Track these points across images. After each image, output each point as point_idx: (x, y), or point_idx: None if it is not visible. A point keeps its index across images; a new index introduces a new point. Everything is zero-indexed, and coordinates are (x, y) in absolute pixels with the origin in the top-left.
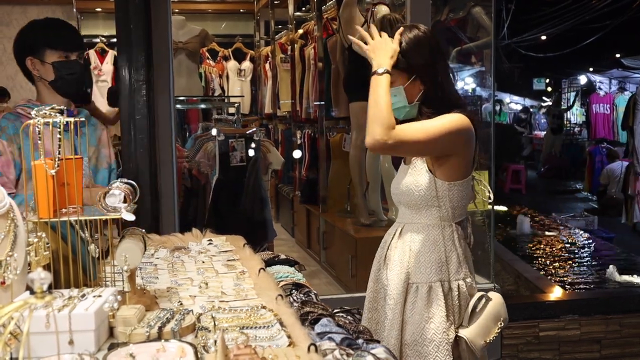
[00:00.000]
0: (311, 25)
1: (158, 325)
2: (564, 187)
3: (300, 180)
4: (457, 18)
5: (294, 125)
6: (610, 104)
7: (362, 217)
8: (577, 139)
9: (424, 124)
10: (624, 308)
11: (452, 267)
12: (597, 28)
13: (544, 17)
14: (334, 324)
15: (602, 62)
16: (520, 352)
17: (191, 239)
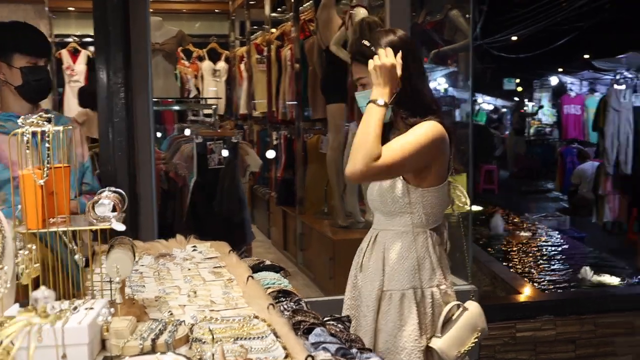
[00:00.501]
0: (288, 26)
1: (151, 337)
2: (536, 187)
3: (276, 181)
4: (434, 21)
5: (269, 127)
6: (581, 105)
7: (339, 218)
8: (548, 140)
9: (399, 144)
10: (598, 308)
11: (425, 275)
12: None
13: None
14: (328, 334)
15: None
16: (497, 352)
17: (175, 245)
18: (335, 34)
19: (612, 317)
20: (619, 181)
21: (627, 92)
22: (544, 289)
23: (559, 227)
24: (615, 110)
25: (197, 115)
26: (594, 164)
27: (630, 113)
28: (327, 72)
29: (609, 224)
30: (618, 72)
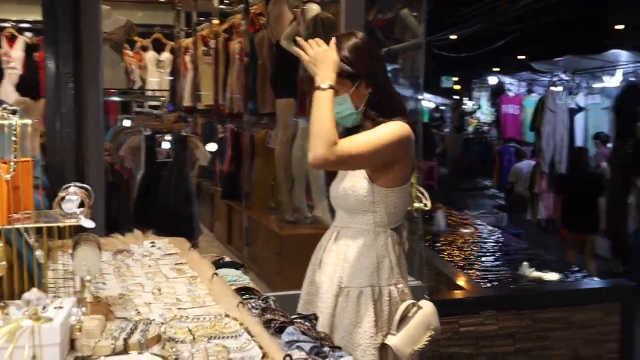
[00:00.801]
0: (237, 19)
1: (123, 336)
2: (474, 184)
3: (221, 175)
4: (385, 19)
5: (215, 120)
6: (519, 105)
7: (286, 213)
8: (486, 138)
9: (365, 136)
10: (536, 304)
11: (383, 273)
12: (508, 31)
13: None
14: (300, 332)
15: (511, 64)
16: (441, 347)
17: (132, 241)
18: (286, 29)
19: (549, 313)
20: (553, 180)
21: (563, 94)
22: (486, 284)
23: (497, 224)
24: (552, 111)
25: (142, 106)
26: (530, 163)
27: (566, 114)
28: (277, 67)
29: (543, 221)
30: (555, 74)
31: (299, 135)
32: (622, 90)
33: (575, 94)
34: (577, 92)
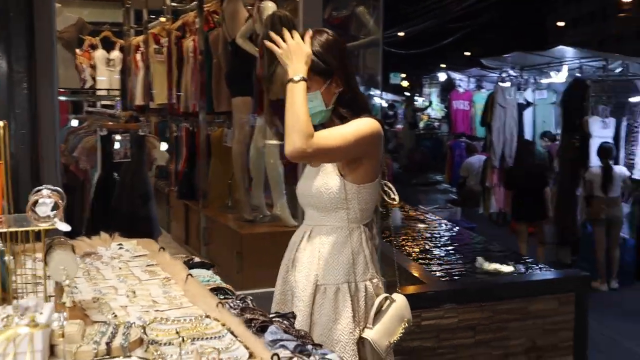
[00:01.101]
0: (190, 16)
1: (105, 340)
2: (426, 180)
3: (177, 175)
4: (340, 17)
5: (170, 119)
6: (469, 101)
7: (245, 212)
8: (437, 134)
9: (340, 130)
10: (495, 296)
11: (359, 269)
12: (456, 28)
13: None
14: (282, 331)
15: (461, 60)
16: (403, 341)
17: (99, 244)
18: (241, 27)
19: (508, 304)
20: (504, 174)
21: (512, 89)
22: (445, 278)
23: (451, 218)
24: (502, 106)
25: (94, 106)
26: (481, 158)
27: (515, 109)
28: (232, 65)
29: (494, 214)
30: (504, 71)
31: (256, 134)
32: (568, 86)
33: (523, 90)
34: (526, 88)
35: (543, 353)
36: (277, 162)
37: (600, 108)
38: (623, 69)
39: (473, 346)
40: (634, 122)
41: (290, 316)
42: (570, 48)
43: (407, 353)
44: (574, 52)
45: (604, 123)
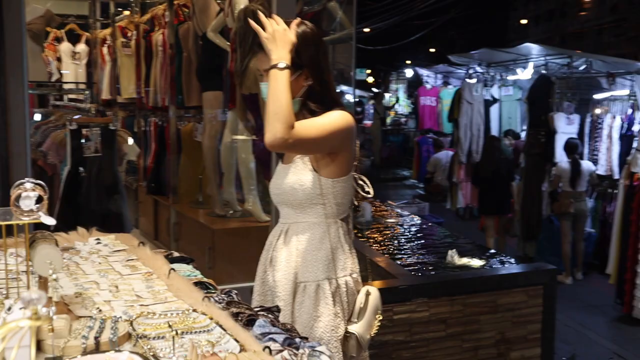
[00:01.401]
0: (159, 9)
1: (93, 335)
2: (394, 175)
3: (145, 170)
4: (312, 11)
5: (138, 113)
6: (436, 97)
7: (216, 207)
8: (404, 130)
9: (317, 121)
10: (466, 289)
11: (339, 264)
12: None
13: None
14: (270, 324)
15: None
16: (376, 335)
17: (76, 238)
18: (212, 21)
19: (478, 297)
20: (471, 169)
21: (478, 85)
22: (416, 273)
23: (419, 213)
24: (469, 102)
25: (61, 99)
26: (449, 153)
27: (482, 105)
28: (203, 59)
29: (461, 209)
30: (471, 67)
31: (227, 128)
32: (534, 83)
33: (490, 86)
34: (492, 84)
35: (512, 345)
36: (249, 157)
37: (565, 104)
38: (587, 66)
39: (444, 339)
40: (598, 118)
41: (274, 309)
42: (535, 45)
43: (379, 347)
44: (540, 49)
45: (569, 119)
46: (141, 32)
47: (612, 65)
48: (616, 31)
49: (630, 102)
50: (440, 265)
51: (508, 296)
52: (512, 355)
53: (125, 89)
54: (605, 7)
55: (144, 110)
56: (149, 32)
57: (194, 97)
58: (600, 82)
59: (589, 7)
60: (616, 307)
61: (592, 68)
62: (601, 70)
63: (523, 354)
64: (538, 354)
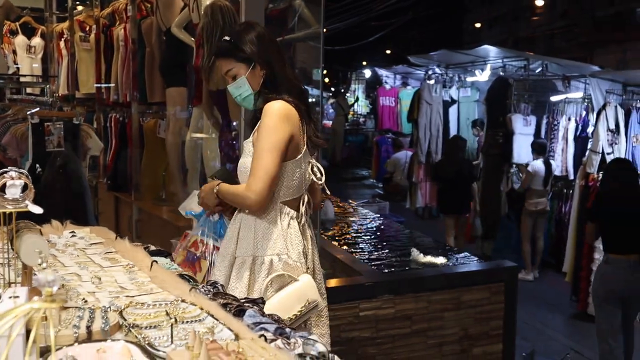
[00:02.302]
0: (121, 4)
1: (85, 324)
2: (353, 175)
3: (105, 166)
4: (278, 9)
5: (99, 109)
6: (395, 97)
7: (180, 204)
8: (363, 129)
9: (259, 154)
10: (431, 286)
11: (269, 243)
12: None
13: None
14: (259, 314)
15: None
16: (342, 332)
17: (51, 231)
18: (177, 16)
19: (443, 294)
20: (430, 169)
21: (437, 86)
22: (381, 270)
23: (380, 212)
24: (428, 103)
25: (19, 93)
26: (408, 153)
27: (441, 106)
28: (167, 55)
29: (420, 209)
30: (430, 68)
31: (192, 125)
32: (492, 84)
33: (449, 87)
34: (451, 86)
35: (475, 341)
36: (214, 154)
37: (522, 106)
38: (542, 69)
39: (409, 336)
40: (554, 120)
41: (259, 301)
42: (493, 47)
43: (346, 343)
44: (497, 51)
45: (526, 120)
46: (101, 27)
47: (566, 68)
48: (567, 36)
49: (584, 104)
50: (404, 262)
51: (471, 293)
52: (475, 352)
53: (84, 84)
54: (556, 13)
55: (103, 106)
56: (109, 26)
57: (157, 93)
58: (556, 85)
59: (540, 12)
60: (572, 305)
61: (548, 71)
62: (557, 73)
63: (485, 350)
64: (499, 350)
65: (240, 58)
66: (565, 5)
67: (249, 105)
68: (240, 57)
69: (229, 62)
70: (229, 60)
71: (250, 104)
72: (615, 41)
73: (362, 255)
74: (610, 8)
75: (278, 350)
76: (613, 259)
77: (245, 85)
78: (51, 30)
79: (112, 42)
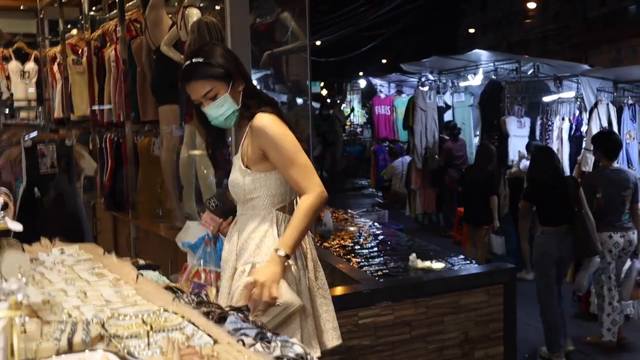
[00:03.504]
0: (110, 25)
1: (66, 337)
2: (352, 185)
3: (102, 186)
4: (265, 23)
5: (93, 130)
6: (390, 106)
7: (177, 220)
8: (360, 139)
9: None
10: (429, 291)
11: (263, 250)
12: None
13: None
14: (241, 321)
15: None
16: (342, 340)
17: (40, 250)
18: (165, 34)
19: (441, 299)
20: (428, 176)
21: (431, 92)
22: (379, 277)
23: (379, 221)
24: (422, 110)
25: (13, 118)
26: (405, 161)
27: (435, 112)
28: (157, 73)
29: (420, 215)
30: (423, 75)
31: (185, 142)
32: (485, 88)
33: (442, 93)
34: (445, 91)
35: (475, 345)
36: (209, 170)
37: (516, 108)
38: (534, 70)
39: (409, 342)
40: (548, 120)
41: (244, 309)
42: (484, 51)
43: (345, 352)
44: (489, 55)
45: (520, 122)
46: (92, 49)
47: (558, 68)
48: (560, 38)
49: (577, 104)
50: (403, 268)
51: (470, 296)
52: (477, 355)
53: (78, 106)
54: (548, 15)
55: (98, 127)
56: (100, 48)
57: (150, 111)
58: (548, 85)
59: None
60: (574, 304)
61: (540, 72)
62: (548, 74)
63: (487, 353)
64: (501, 352)
65: (219, 75)
66: (557, 7)
67: (230, 123)
68: (219, 75)
69: (207, 83)
70: (207, 81)
71: (231, 122)
72: (609, 41)
73: (360, 263)
74: (602, 8)
75: (254, 353)
76: (547, 230)
77: (227, 102)
78: (44, 54)
79: (104, 63)
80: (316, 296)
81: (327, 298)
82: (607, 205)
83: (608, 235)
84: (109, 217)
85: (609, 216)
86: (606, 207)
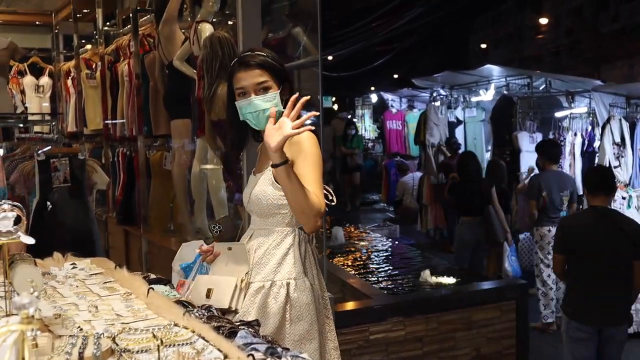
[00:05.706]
0: (124, 40)
1: (77, 351)
2: (363, 200)
3: (114, 200)
4: (278, 38)
5: (106, 144)
6: (402, 121)
7: (188, 235)
8: (372, 154)
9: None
10: (440, 307)
11: (284, 268)
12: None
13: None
14: (251, 335)
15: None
16: (353, 356)
17: (52, 264)
18: (178, 49)
19: (453, 315)
20: (440, 190)
21: (443, 107)
22: (391, 292)
23: (391, 236)
24: (435, 124)
25: (28, 132)
26: (415, 176)
27: (447, 127)
28: (170, 88)
29: (431, 230)
30: (434, 90)
31: (196, 156)
32: (496, 103)
33: (454, 108)
34: (456, 106)
35: None
36: (220, 184)
37: (528, 123)
38: (546, 86)
39: (421, 358)
40: (560, 136)
41: (254, 324)
42: (496, 67)
43: None
44: (500, 70)
45: (532, 138)
46: (106, 63)
47: (570, 83)
48: (572, 53)
49: (589, 119)
50: (414, 284)
51: (482, 312)
52: None
53: (91, 120)
54: (560, 31)
55: (111, 141)
56: (114, 62)
57: (162, 125)
58: (560, 101)
59: (545, 30)
60: None
61: (552, 87)
62: (560, 89)
63: None
64: None
65: (278, 72)
66: (569, 22)
67: (261, 124)
68: (278, 71)
69: (265, 74)
70: (266, 72)
71: (264, 123)
72: (621, 56)
73: (371, 278)
74: (614, 23)
75: None
76: (464, 220)
77: (276, 100)
78: (58, 69)
79: (117, 77)
80: (322, 316)
81: (329, 318)
82: (549, 203)
83: (547, 229)
84: (120, 231)
85: (549, 213)
86: (548, 204)
